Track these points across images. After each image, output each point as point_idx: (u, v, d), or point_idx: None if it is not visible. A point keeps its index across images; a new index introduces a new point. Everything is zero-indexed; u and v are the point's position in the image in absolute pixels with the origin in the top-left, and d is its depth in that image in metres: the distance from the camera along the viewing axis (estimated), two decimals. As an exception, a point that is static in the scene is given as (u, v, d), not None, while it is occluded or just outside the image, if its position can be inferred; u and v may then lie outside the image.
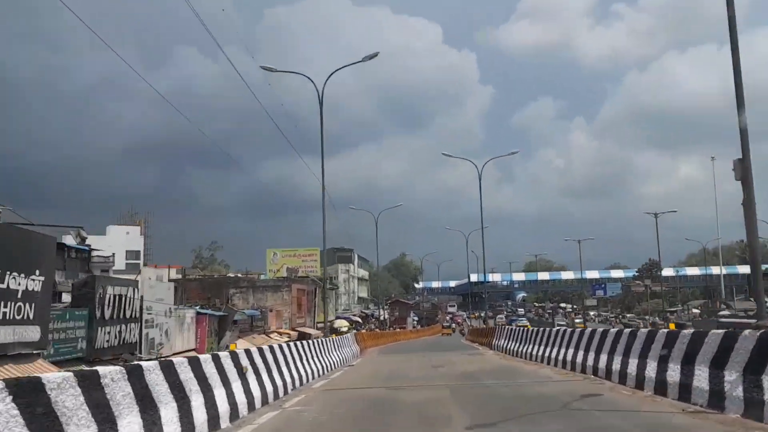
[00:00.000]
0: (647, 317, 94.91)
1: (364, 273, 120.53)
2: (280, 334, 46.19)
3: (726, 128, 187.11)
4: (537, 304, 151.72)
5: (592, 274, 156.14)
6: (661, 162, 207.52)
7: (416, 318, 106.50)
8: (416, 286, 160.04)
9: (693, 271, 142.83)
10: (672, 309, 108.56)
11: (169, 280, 60.61)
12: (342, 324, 66.97)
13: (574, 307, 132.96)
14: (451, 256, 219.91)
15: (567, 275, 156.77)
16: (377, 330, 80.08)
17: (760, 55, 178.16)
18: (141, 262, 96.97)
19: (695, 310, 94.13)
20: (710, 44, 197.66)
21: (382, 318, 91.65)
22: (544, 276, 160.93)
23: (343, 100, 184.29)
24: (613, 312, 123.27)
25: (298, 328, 51.17)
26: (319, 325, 58.91)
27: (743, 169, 12.31)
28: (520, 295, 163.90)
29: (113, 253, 67.09)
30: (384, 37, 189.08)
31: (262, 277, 58.37)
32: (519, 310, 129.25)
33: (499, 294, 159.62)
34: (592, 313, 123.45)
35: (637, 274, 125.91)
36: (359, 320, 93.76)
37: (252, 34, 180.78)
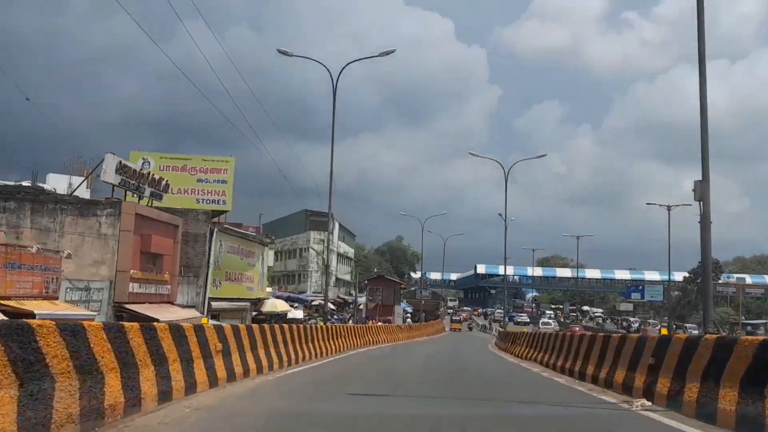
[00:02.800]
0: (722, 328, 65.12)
1: (347, 249, 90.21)
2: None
3: (733, 145, 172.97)
4: (553, 306, 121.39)
5: (622, 274, 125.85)
6: (664, 175, 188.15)
7: (409, 310, 76.07)
8: (413, 275, 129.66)
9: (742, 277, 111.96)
10: (754, 321, 78.31)
11: None
12: (278, 306, 36.55)
13: (610, 316, 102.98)
14: (456, 249, 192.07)
15: (592, 273, 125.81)
16: (350, 323, 49.90)
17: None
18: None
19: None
20: (722, 59, 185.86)
21: (357, 304, 61.22)
22: (564, 273, 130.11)
23: (348, 88, 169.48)
24: (658, 320, 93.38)
25: (131, 306, 21.17)
26: (220, 305, 28.64)
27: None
28: (530, 294, 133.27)
29: None
30: (395, 29, 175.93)
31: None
32: (548, 313, 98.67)
33: (508, 291, 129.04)
34: (632, 319, 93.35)
35: (689, 275, 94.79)
36: (332, 307, 63.85)
37: (260, 18, 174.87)
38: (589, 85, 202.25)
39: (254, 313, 36.09)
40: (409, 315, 72.24)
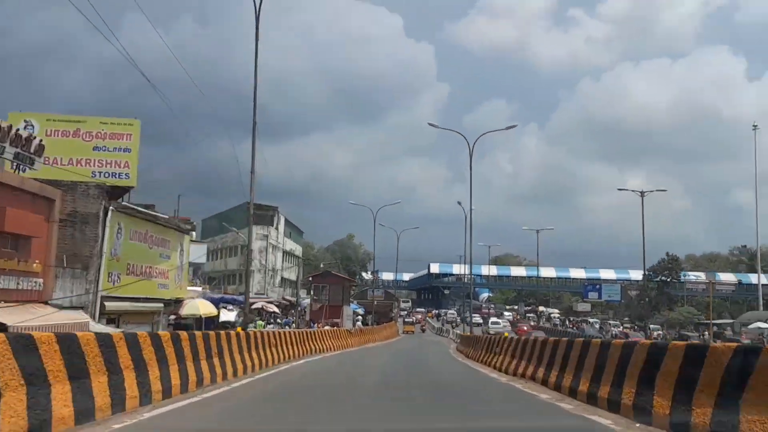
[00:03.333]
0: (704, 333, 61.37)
1: (294, 246, 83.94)
2: None
3: (674, 144, 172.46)
4: (508, 306, 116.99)
5: (577, 273, 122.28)
6: (608, 173, 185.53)
7: (360, 312, 70.20)
8: (364, 275, 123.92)
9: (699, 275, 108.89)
10: (717, 321, 74.72)
11: None
12: (201, 308, 30.37)
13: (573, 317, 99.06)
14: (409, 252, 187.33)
15: (547, 272, 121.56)
16: (291, 329, 44.29)
17: (708, 75, 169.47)
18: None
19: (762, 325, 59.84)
20: (663, 58, 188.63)
21: (300, 306, 55.11)
22: (518, 271, 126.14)
23: (296, 83, 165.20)
24: (617, 320, 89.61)
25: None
26: (119, 306, 22.51)
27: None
28: (484, 294, 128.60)
29: None
30: (343, 24, 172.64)
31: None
32: (507, 315, 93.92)
33: (461, 290, 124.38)
34: (591, 320, 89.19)
35: (650, 273, 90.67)
36: (276, 311, 57.81)
37: (206, 9, 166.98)
38: (536, 82, 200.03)
39: (172, 317, 29.94)
40: (360, 317, 66.47)
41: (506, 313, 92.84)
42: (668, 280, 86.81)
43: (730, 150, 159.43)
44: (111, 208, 21.68)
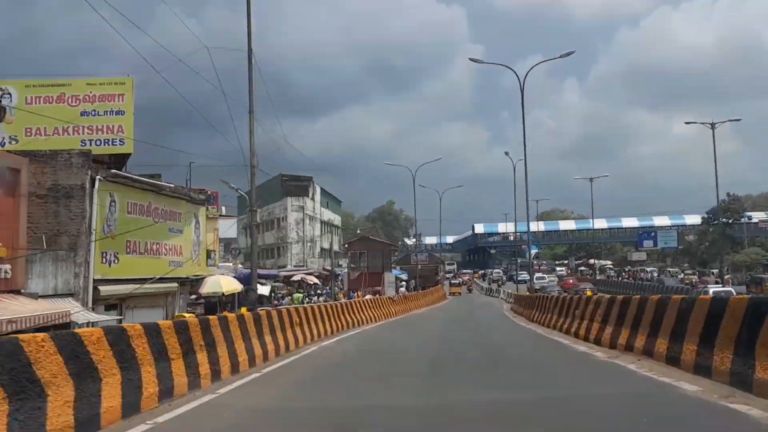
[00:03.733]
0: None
1: (332, 216, 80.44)
2: None
3: (720, 84, 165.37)
4: (557, 262, 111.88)
5: (629, 222, 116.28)
6: (654, 120, 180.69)
7: (404, 277, 66.46)
8: (407, 241, 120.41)
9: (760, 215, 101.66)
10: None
11: None
12: (224, 284, 26.90)
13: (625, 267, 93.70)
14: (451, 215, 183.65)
15: (598, 224, 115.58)
16: (320, 300, 41.14)
17: (754, 9, 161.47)
18: None
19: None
20: None
21: (335, 275, 51.59)
22: (567, 225, 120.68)
23: (328, 58, 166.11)
24: (676, 266, 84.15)
25: None
26: (118, 289, 19.08)
27: None
28: (533, 250, 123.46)
29: None
30: None
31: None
32: (559, 270, 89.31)
33: (508, 249, 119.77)
34: (648, 269, 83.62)
35: (709, 216, 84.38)
36: (317, 282, 54.59)
37: None
38: (572, 36, 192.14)
39: (192, 297, 26.66)
40: (404, 283, 62.76)
41: (558, 269, 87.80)
42: (730, 221, 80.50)
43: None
44: (99, 177, 18.16)
